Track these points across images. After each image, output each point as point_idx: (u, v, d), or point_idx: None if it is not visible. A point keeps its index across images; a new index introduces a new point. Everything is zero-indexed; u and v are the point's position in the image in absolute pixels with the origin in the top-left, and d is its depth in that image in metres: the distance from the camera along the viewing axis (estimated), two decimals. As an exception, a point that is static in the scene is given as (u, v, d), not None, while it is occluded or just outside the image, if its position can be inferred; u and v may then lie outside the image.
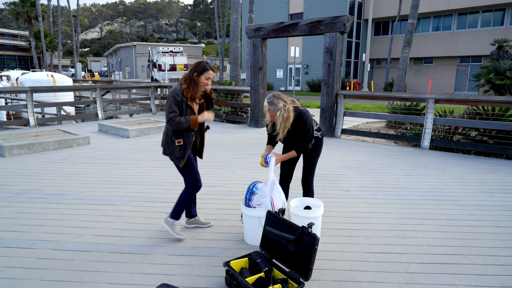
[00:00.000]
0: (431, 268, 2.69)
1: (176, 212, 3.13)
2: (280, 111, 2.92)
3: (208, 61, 3.04)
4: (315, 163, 3.32)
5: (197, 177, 3.14)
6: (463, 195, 4.26)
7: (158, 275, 2.61)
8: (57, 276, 2.59)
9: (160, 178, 4.93)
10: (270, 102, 2.94)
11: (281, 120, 2.94)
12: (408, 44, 13.57)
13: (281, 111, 2.92)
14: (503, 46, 20.44)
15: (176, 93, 2.91)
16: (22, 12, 37.35)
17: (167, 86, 12.17)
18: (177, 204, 3.13)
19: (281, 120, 2.94)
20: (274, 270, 2.50)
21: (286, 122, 2.95)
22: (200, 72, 2.92)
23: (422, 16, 27.14)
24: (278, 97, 2.94)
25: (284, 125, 2.96)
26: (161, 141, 3.16)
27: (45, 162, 5.74)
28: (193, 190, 3.13)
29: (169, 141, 3.02)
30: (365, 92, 8.26)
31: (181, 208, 3.14)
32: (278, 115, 2.92)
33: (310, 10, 28.93)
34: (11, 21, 68.19)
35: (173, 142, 3.00)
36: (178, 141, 3.00)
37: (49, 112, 13.61)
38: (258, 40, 8.68)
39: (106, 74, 61.94)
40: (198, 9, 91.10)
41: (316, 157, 3.30)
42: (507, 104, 6.25)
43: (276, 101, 2.93)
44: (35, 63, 35.49)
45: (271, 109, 2.95)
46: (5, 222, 3.47)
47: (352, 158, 6.11)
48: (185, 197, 3.12)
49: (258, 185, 3.12)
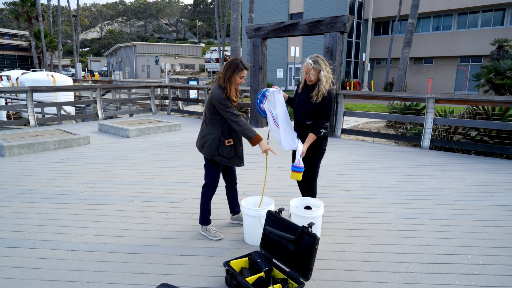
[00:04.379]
0: (431, 268, 2.69)
1: (203, 217, 3.19)
2: (323, 72, 2.97)
3: (241, 58, 3.04)
4: (319, 163, 3.31)
5: (216, 179, 3.17)
6: (463, 195, 4.26)
7: (158, 275, 2.61)
8: (57, 276, 2.59)
9: (160, 178, 4.93)
10: (314, 61, 2.99)
11: (324, 80, 2.98)
12: (408, 44, 13.57)
13: (324, 71, 2.97)
14: (503, 46, 20.44)
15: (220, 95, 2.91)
16: (22, 12, 37.32)
17: (167, 86, 12.17)
18: (200, 209, 3.20)
19: (324, 81, 2.98)
20: (274, 270, 2.50)
21: (326, 84, 2.99)
22: (234, 71, 2.94)
23: (422, 16, 27.13)
24: (322, 59, 3.01)
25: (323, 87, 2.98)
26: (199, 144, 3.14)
27: (45, 162, 5.74)
28: (209, 191, 3.17)
29: (218, 142, 3.02)
30: (365, 92, 8.26)
31: (205, 212, 3.19)
32: (322, 75, 2.97)
33: (310, 10, 28.92)
34: (11, 21, 68.20)
35: (223, 143, 3.01)
36: (228, 141, 3.02)
37: (49, 112, 13.61)
38: (258, 40, 8.68)
39: (106, 74, 61.92)
40: (198, 9, 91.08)
41: (320, 156, 3.28)
42: (507, 104, 6.25)
43: (320, 61, 2.99)
44: (35, 63, 35.46)
45: (315, 67, 2.97)
46: (5, 222, 3.47)
47: (352, 158, 6.10)
48: (203, 200, 3.18)
49: (270, 89, 3.13)
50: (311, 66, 2.99)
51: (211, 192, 3.19)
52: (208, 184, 3.16)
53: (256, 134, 2.95)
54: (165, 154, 6.28)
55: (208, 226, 3.21)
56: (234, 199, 3.43)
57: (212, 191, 3.19)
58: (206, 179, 3.17)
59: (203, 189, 3.18)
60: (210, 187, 3.17)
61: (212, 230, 3.19)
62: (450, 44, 26.31)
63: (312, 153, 3.24)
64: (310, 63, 3.00)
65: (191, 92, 16.17)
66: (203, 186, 3.18)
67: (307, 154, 3.26)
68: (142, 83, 16.50)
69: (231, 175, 3.36)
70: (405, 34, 13.61)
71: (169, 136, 8.08)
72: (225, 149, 3.03)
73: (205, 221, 3.20)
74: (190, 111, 12.48)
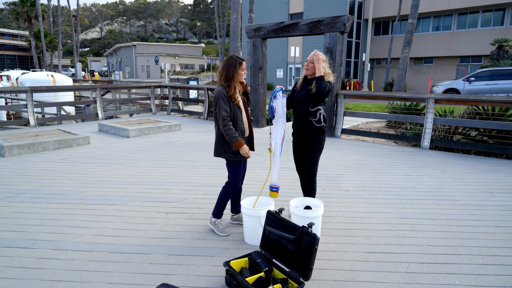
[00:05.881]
0: (431, 268, 2.69)
1: (217, 210, 3.27)
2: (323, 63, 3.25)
3: (235, 55, 3.15)
4: (318, 158, 3.39)
5: (239, 177, 3.24)
6: (463, 195, 4.26)
7: (158, 275, 2.61)
8: (57, 276, 2.59)
9: (160, 178, 4.93)
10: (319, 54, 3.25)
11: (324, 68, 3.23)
12: (408, 44, 13.57)
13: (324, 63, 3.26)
14: (503, 46, 20.44)
15: (221, 95, 3.02)
16: (22, 12, 37.31)
17: (167, 86, 12.17)
18: (217, 202, 3.26)
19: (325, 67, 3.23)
20: (274, 270, 2.50)
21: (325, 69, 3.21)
22: (235, 67, 3.05)
23: (422, 16, 27.13)
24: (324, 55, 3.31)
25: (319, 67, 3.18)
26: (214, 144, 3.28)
27: (45, 162, 5.74)
28: (232, 188, 3.23)
29: (222, 141, 3.13)
30: (365, 92, 8.26)
31: (221, 207, 3.26)
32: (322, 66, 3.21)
33: (310, 10, 28.92)
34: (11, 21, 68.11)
35: (226, 140, 3.10)
36: None
37: (49, 112, 13.61)
38: (258, 40, 8.68)
39: (106, 74, 61.91)
40: (198, 9, 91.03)
41: (319, 151, 3.37)
42: (507, 104, 6.25)
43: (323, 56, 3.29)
44: (35, 63, 35.44)
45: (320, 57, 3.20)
46: (5, 222, 3.47)
47: (352, 158, 6.10)
48: (223, 195, 3.24)
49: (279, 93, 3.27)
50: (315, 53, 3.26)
51: (233, 190, 3.25)
52: (231, 182, 3.23)
53: (238, 140, 3.03)
54: (165, 154, 6.28)
55: (218, 220, 3.28)
56: (237, 199, 3.47)
57: (234, 189, 3.25)
58: (229, 178, 3.24)
59: (227, 186, 3.25)
60: (233, 185, 3.23)
61: (220, 225, 3.26)
62: (450, 44, 26.31)
63: (311, 149, 3.34)
64: (315, 51, 3.27)
65: (191, 92, 16.18)
66: (227, 183, 3.25)
67: (306, 150, 3.36)
68: (142, 83, 16.50)
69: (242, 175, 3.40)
70: (405, 34, 13.60)
71: (169, 136, 8.08)
72: (229, 146, 3.11)
73: (218, 215, 3.29)
74: (190, 111, 12.49)
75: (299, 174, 3.64)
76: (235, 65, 3.06)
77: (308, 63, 3.30)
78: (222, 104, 3.02)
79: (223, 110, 3.02)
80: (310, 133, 3.33)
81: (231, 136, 3.03)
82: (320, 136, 3.35)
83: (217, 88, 3.10)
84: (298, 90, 3.43)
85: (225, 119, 3.02)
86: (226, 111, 3.03)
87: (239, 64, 3.07)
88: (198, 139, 7.75)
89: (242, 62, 3.08)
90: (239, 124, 3.12)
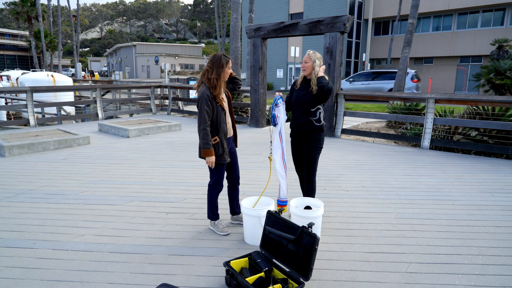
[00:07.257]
0: (431, 268, 2.69)
1: (210, 212, 3.27)
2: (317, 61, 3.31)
3: (220, 53, 3.07)
4: (317, 158, 3.41)
5: (221, 178, 3.21)
6: (463, 195, 4.26)
7: (158, 275, 2.61)
8: (57, 276, 2.59)
9: (160, 178, 4.93)
10: (313, 52, 3.34)
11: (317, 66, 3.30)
12: (408, 44, 13.56)
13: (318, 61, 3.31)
14: (503, 46, 20.44)
15: (205, 96, 2.95)
16: (22, 12, 37.30)
17: (167, 86, 12.16)
18: (207, 205, 3.28)
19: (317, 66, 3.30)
20: (274, 270, 2.50)
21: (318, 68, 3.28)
22: (223, 66, 2.98)
23: (422, 16, 27.13)
24: (318, 54, 3.36)
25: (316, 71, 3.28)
26: None
27: (45, 162, 5.74)
28: (215, 189, 3.22)
29: None
30: (365, 92, 8.25)
31: (212, 207, 3.26)
32: (316, 64, 3.29)
33: (310, 10, 28.91)
34: (11, 21, 68.12)
35: None
36: (214, 139, 3.05)
37: (49, 112, 13.61)
38: (258, 40, 8.68)
39: (106, 74, 61.90)
40: (198, 9, 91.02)
41: (318, 150, 3.39)
42: (507, 104, 6.24)
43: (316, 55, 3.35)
44: (35, 63, 35.43)
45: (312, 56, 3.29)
46: (5, 222, 3.47)
47: (352, 158, 6.10)
48: (209, 195, 3.24)
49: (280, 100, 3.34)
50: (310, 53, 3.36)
51: (217, 190, 3.24)
52: (213, 183, 3.21)
53: (210, 149, 2.98)
54: (165, 154, 6.28)
55: (216, 221, 3.28)
56: (235, 200, 3.45)
57: (217, 189, 3.23)
58: (211, 179, 3.21)
59: (209, 188, 3.23)
60: (215, 186, 3.22)
61: (220, 225, 3.26)
62: (450, 44, 26.30)
63: (310, 149, 3.36)
64: (309, 51, 3.36)
65: (191, 92, 16.15)
66: (209, 185, 3.22)
67: (306, 150, 3.38)
68: (142, 83, 16.50)
69: (235, 175, 3.38)
70: (405, 34, 13.60)
71: (169, 136, 8.08)
72: (214, 147, 3.05)
73: (214, 216, 3.28)
74: (190, 111, 12.48)
75: (299, 174, 3.65)
76: (222, 64, 2.97)
77: (304, 63, 3.32)
78: (204, 107, 2.94)
79: (204, 113, 2.94)
80: (310, 132, 3.34)
81: (205, 142, 2.97)
82: (319, 135, 3.36)
83: (201, 89, 3.01)
84: (297, 89, 3.44)
85: (204, 123, 2.95)
86: (208, 114, 2.96)
87: (226, 63, 2.98)
88: (198, 139, 7.74)
89: (228, 61, 2.99)
90: (222, 125, 3.06)
